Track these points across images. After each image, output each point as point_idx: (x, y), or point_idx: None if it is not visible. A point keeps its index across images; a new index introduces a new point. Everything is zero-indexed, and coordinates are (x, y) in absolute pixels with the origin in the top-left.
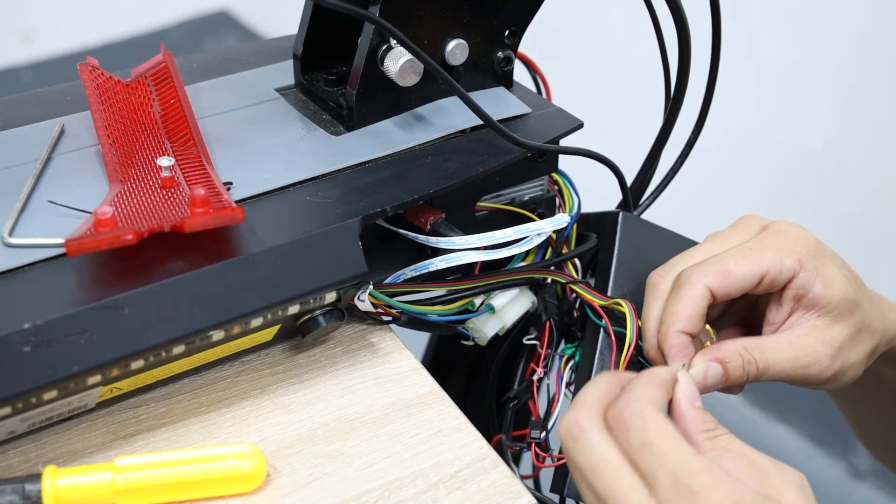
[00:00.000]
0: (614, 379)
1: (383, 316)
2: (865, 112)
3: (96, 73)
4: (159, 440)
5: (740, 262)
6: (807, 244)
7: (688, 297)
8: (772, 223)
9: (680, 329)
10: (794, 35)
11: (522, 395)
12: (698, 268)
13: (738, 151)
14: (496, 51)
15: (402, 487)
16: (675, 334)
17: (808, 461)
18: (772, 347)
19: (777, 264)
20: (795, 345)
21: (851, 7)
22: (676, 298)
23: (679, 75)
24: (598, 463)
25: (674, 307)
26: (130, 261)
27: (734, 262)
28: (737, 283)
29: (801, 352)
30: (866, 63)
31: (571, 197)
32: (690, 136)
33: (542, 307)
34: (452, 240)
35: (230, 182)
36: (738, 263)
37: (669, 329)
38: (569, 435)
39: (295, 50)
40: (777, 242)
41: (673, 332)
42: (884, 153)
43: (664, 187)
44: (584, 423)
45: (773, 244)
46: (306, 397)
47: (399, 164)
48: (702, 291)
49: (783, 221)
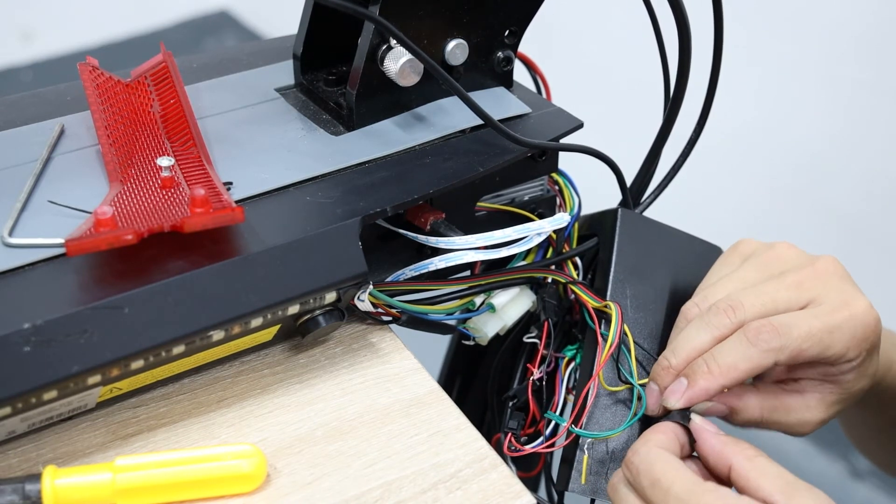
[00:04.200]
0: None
1: (383, 316)
2: (867, 111)
3: (96, 73)
4: (159, 440)
5: (814, 347)
6: (874, 340)
7: (756, 364)
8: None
9: (729, 385)
10: (796, 33)
11: (522, 394)
12: (777, 338)
13: (740, 151)
14: (496, 51)
15: (402, 487)
16: (720, 388)
17: (808, 461)
18: (782, 412)
19: (842, 356)
20: (800, 414)
21: (853, 6)
22: (745, 358)
23: (679, 74)
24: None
25: (738, 364)
26: (130, 261)
27: (809, 345)
28: (799, 362)
29: (801, 420)
30: (868, 62)
31: (572, 197)
32: (692, 135)
33: (541, 307)
34: (452, 240)
35: (230, 182)
36: (813, 348)
37: (720, 381)
38: (610, 486)
39: (295, 50)
40: (853, 330)
41: (720, 385)
42: (885, 152)
43: (665, 186)
44: (615, 481)
45: (849, 331)
46: (306, 397)
47: (399, 164)
48: (771, 364)
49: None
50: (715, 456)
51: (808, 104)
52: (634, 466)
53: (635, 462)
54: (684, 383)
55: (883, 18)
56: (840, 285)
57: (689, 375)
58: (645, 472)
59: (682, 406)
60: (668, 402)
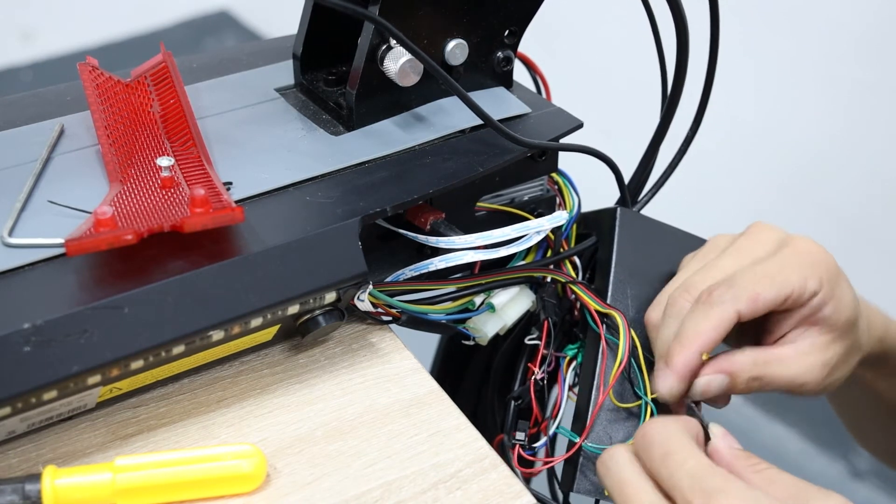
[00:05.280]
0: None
1: (383, 316)
2: (865, 110)
3: (96, 73)
4: (159, 440)
5: (768, 287)
6: (828, 265)
7: (718, 320)
8: (790, 238)
9: (702, 350)
10: (794, 32)
11: (525, 395)
12: (728, 290)
13: (737, 149)
14: (496, 51)
15: (402, 487)
16: (697, 355)
17: (808, 461)
18: (777, 363)
19: (801, 286)
20: (797, 363)
21: (853, 6)
22: (705, 318)
23: (677, 72)
24: (621, 483)
25: (699, 327)
26: (130, 261)
27: (762, 286)
28: (764, 307)
29: (801, 369)
30: (866, 61)
31: (571, 196)
32: (688, 132)
33: (540, 306)
34: (452, 239)
35: (230, 182)
36: (767, 288)
37: (692, 349)
38: (601, 461)
39: (295, 50)
40: (801, 263)
41: (695, 352)
42: (885, 152)
43: (662, 184)
44: (615, 450)
45: (797, 265)
46: (306, 397)
47: (399, 164)
48: (731, 316)
49: (802, 238)
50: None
51: (807, 103)
52: (649, 436)
53: (651, 432)
54: (666, 369)
55: (883, 18)
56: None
57: (665, 358)
58: (660, 443)
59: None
60: (658, 389)
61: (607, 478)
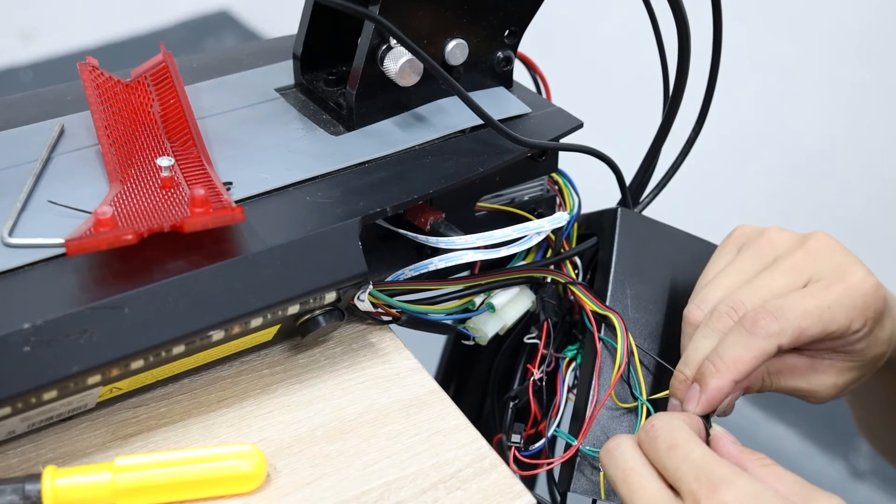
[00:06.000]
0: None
1: (383, 316)
2: (867, 111)
3: (96, 73)
4: (159, 440)
5: (815, 324)
6: (877, 306)
7: (759, 352)
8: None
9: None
10: (796, 33)
11: (523, 395)
12: (774, 322)
13: (739, 150)
14: (496, 51)
15: (402, 487)
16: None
17: (808, 461)
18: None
19: (845, 328)
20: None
21: (853, 6)
22: (747, 349)
23: (678, 73)
24: (626, 472)
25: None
26: (130, 261)
27: (808, 323)
28: (805, 342)
29: (811, 385)
30: (868, 62)
31: (571, 196)
32: (690, 134)
33: (540, 307)
34: (452, 239)
35: (230, 182)
36: (813, 324)
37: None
38: (604, 450)
39: (295, 50)
40: (852, 304)
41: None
42: (885, 153)
43: (664, 185)
44: (619, 439)
45: (849, 305)
46: (306, 397)
47: (399, 164)
48: (773, 350)
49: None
50: (732, 460)
51: (808, 104)
52: (655, 429)
53: (657, 425)
54: (697, 389)
55: (883, 18)
56: (833, 259)
57: (699, 379)
58: (665, 436)
59: (701, 411)
60: (684, 403)
61: (611, 467)
